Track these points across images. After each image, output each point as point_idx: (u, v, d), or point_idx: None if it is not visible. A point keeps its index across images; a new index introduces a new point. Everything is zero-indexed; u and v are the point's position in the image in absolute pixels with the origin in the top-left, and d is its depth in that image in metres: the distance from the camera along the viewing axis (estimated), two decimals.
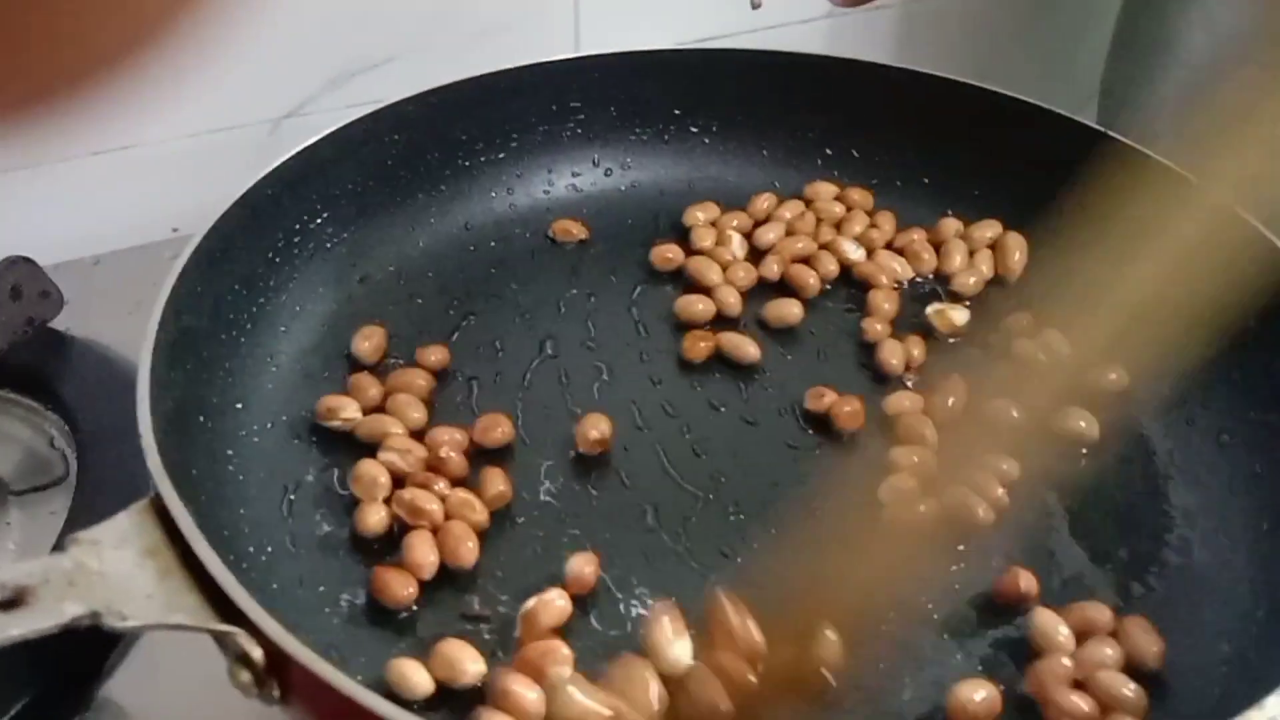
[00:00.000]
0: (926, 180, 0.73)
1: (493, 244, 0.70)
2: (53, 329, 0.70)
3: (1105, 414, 0.60)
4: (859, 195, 0.73)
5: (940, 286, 0.69)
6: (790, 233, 0.71)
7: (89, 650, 0.57)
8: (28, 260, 0.69)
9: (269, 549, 0.53)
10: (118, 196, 0.76)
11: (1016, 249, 0.69)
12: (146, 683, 0.56)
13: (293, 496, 0.56)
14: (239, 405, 0.58)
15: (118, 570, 0.43)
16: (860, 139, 0.74)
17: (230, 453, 0.56)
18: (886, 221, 0.72)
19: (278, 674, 0.42)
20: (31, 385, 0.68)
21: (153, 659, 0.57)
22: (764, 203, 0.73)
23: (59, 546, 0.43)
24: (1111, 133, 0.67)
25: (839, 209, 0.72)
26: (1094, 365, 0.61)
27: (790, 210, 0.72)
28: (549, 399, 0.62)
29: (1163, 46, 0.78)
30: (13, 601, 0.40)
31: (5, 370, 0.68)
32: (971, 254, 0.70)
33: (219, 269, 0.58)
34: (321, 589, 0.52)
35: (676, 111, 0.75)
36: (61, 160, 0.74)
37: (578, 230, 0.71)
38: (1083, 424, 0.59)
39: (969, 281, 0.68)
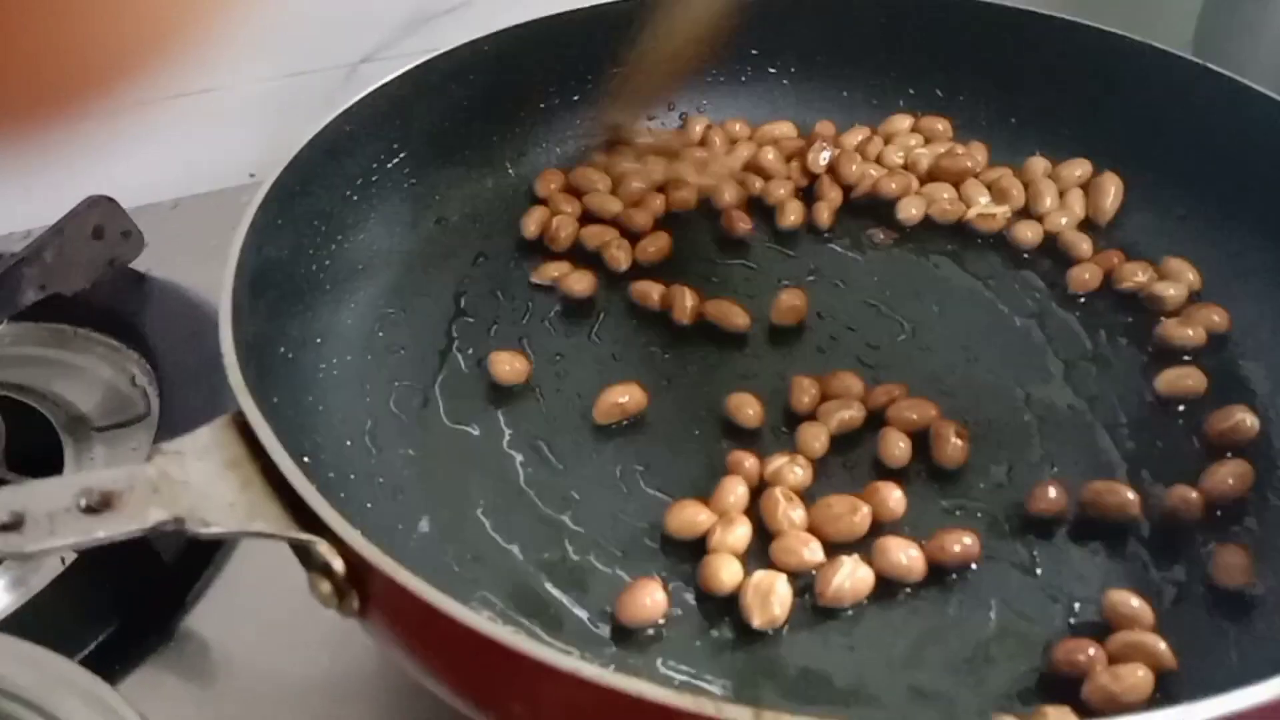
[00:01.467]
0: (1014, 120, 0.72)
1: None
2: (133, 269, 0.71)
3: (1206, 360, 0.59)
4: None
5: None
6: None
7: (171, 582, 0.57)
8: (109, 200, 0.69)
9: (350, 475, 0.53)
10: (196, 140, 0.76)
11: (1112, 188, 0.67)
12: (228, 615, 0.57)
13: (370, 428, 0.56)
14: (319, 340, 0.58)
15: (200, 480, 0.43)
16: (944, 77, 0.73)
17: (310, 385, 0.56)
18: (979, 152, 0.71)
19: (358, 585, 0.42)
20: (113, 324, 0.69)
21: (234, 591, 0.57)
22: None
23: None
24: (1213, 66, 0.65)
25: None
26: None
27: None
28: None
29: None
30: (100, 506, 0.41)
31: (88, 309, 0.69)
32: (1062, 194, 0.68)
33: (298, 204, 0.58)
34: (396, 517, 0.52)
35: (754, 52, 0.74)
36: (141, 103, 0.74)
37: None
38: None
39: (1060, 221, 0.67)
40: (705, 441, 0.56)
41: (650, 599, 0.48)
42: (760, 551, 0.51)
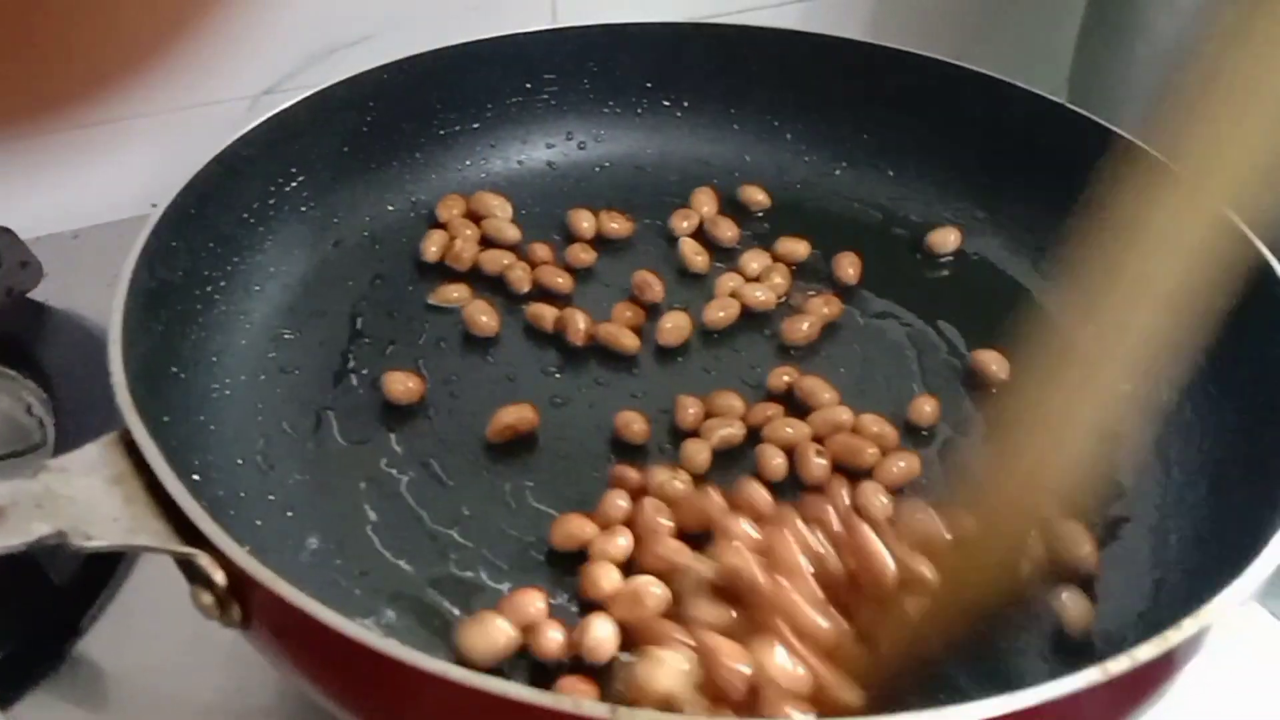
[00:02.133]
0: (895, 156, 0.74)
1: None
2: (31, 299, 0.71)
3: None
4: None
5: None
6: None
7: (64, 606, 0.57)
8: (7, 230, 0.69)
9: (240, 493, 0.54)
10: (97, 171, 0.76)
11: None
12: (123, 638, 0.56)
13: (262, 447, 0.57)
14: (213, 359, 0.59)
15: (85, 495, 0.44)
16: (828, 114, 0.75)
17: (203, 404, 0.57)
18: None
19: (239, 597, 0.43)
20: (10, 354, 0.69)
21: (130, 615, 0.57)
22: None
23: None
24: (1082, 111, 0.68)
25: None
26: None
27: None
28: None
29: (1129, 31, 0.79)
30: None
31: None
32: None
33: (194, 226, 0.59)
34: (285, 535, 0.53)
35: (648, 85, 0.75)
36: (41, 135, 0.75)
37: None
38: None
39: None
40: (593, 459, 0.57)
41: (532, 607, 0.49)
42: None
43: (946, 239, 0.70)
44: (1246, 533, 0.46)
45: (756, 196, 0.73)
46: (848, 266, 0.68)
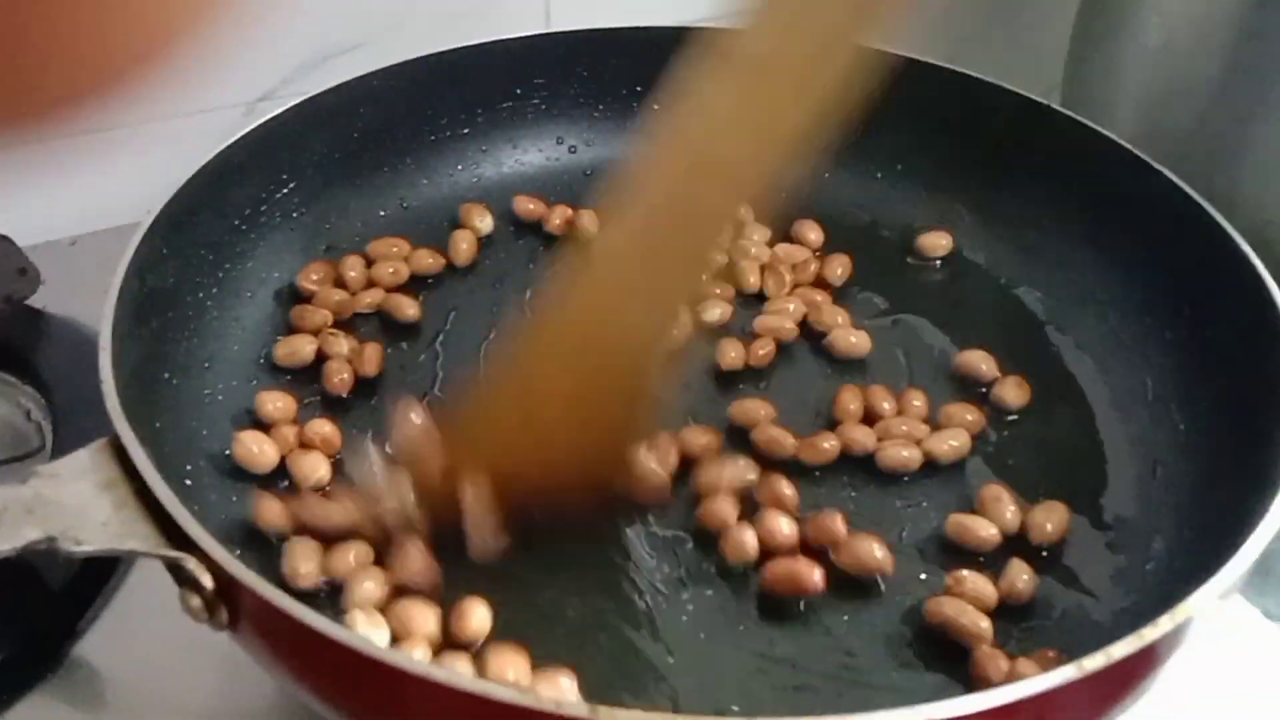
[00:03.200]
0: (888, 160, 0.74)
1: (457, 219, 0.71)
2: (29, 306, 0.72)
3: None
4: None
5: None
6: None
7: (60, 611, 0.58)
8: (4, 238, 0.70)
9: (231, 498, 0.55)
10: (95, 179, 0.77)
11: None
12: (119, 643, 0.57)
13: None
14: (206, 365, 0.60)
15: (75, 500, 0.44)
16: None
17: (195, 409, 0.58)
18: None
19: (226, 600, 0.44)
20: (8, 360, 0.69)
21: (125, 619, 0.58)
22: None
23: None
24: (1074, 115, 0.69)
25: None
26: None
27: None
28: None
29: (1120, 33, 0.79)
30: None
31: None
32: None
33: (185, 233, 0.60)
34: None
35: (639, 89, 0.75)
36: (38, 142, 0.75)
37: (536, 208, 0.72)
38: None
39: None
40: None
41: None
42: None
43: (938, 243, 0.70)
44: (1227, 529, 0.47)
45: None
46: (837, 268, 0.68)
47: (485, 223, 0.71)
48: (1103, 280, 0.65)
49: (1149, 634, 0.41)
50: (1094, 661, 0.39)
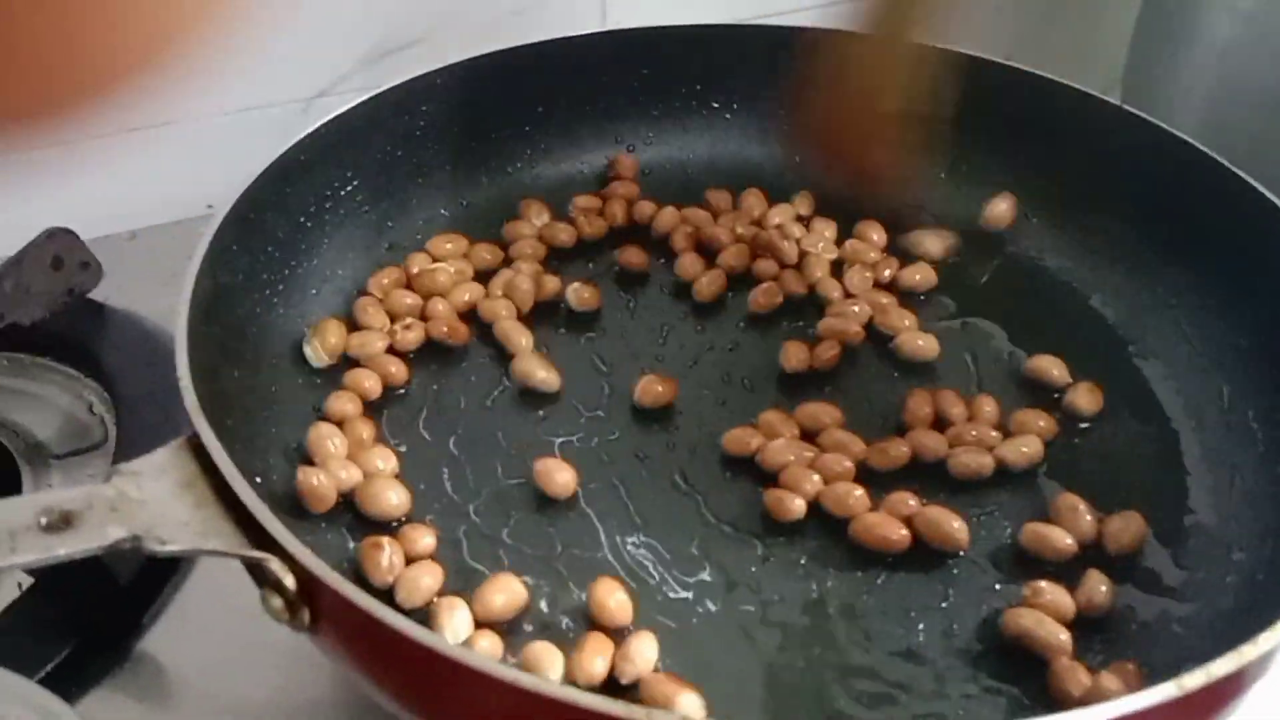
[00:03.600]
0: (951, 159, 0.74)
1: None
2: (91, 299, 0.72)
3: None
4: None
5: None
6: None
7: (127, 604, 0.58)
8: (68, 231, 0.70)
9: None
10: (154, 172, 0.77)
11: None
12: (183, 636, 0.57)
13: None
14: (273, 362, 0.60)
15: (156, 499, 0.44)
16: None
17: (263, 407, 0.57)
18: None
19: (308, 600, 0.44)
20: (71, 353, 0.70)
21: (190, 613, 0.58)
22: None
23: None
24: (1139, 112, 0.68)
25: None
26: None
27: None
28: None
29: (1186, 29, 0.79)
30: (60, 525, 0.42)
31: (46, 338, 0.70)
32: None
33: (253, 231, 0.60)
34: (350, 540, 0.53)
35: (698, 88, 0.75)
36: (99, 136, 0.75)
37: (594, 206, 0.72)
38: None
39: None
40: None
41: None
42: None
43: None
44: None
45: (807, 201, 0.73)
46: (915, 274, 0.68)
47: (543, 219, 0.71)
48: (1175, 285, 0.65)
49: (1249, 652, 0.40)
50: (1194, 680, 0.39)
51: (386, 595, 0.50)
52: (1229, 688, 0.41)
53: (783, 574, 0.53)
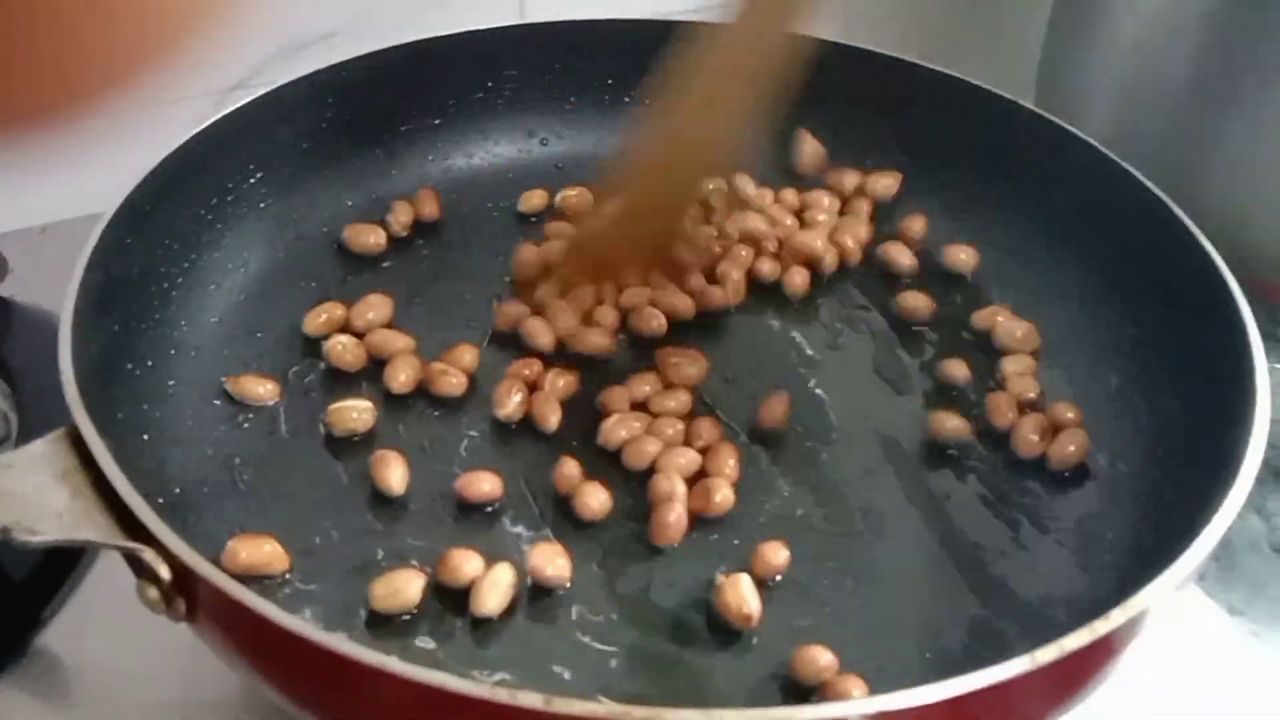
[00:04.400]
0: (860, 154, 0.74)
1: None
2: None
3: None
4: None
5: None
6: None
7: (22, 601, 0.58)
8: None
9: (203, 489, 0.55)
10: (65, 167, 0.75)
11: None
12: (82, 633, 0.57)
13: (215, 443, 0.57)
14: (172, 352, 0.60)
15: (30, 491, 0.44)
16: (793, 112, 0.75)
17: (159, 399, 0.57)
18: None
19: (183, 591, 0.44)
20: None
21: (88, 610, 0.58)
22: None
23: None
24: (1047, 114, 0.69)
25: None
26: None
27: None
28: None
29: (1094, 33, 0.80)
30: None
31: None
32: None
33: (150, 222, 0.60)
34: (235, 533, 0.53)
35: (610, 82, 0.75)
36: (8, 134, 0.75)
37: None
38: None
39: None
40: None
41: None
42: None
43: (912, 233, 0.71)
44: (1184, 523, 0.47)
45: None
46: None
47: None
48: (1073, 277, 0.66)
49: (1101, 626, 0.41)
50: (1047, 653, 0.40)
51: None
52: (1086, 661, 0.42)
53: None
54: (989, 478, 0.58)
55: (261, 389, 0.59)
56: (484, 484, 0.55)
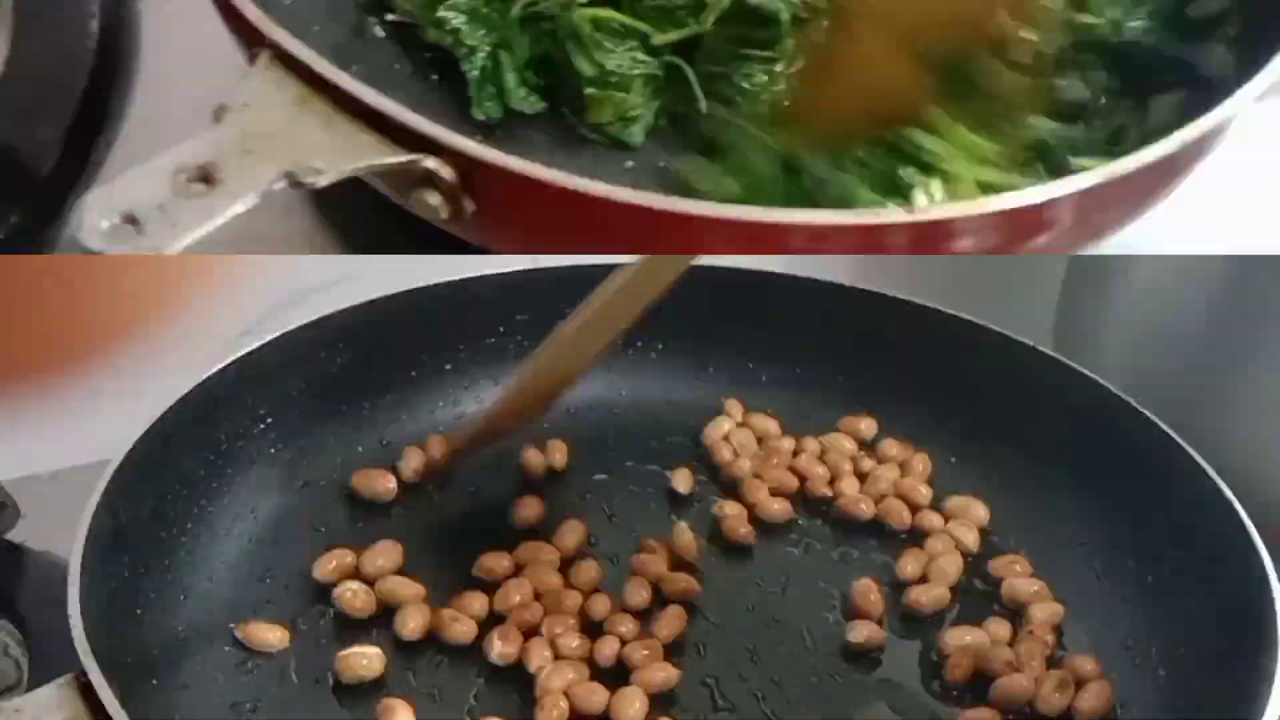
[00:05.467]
0: (875, 402, 0.75)
1: None
2: (8, 540, 0.71)
3: None
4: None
5: None
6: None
7: None
8: None
9: None
10: (76, 414, 0.77)
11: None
12: None
13: (221, 693, 0.56)
14: (182, 597, 0.59)
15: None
16: (806, 358, 0.77)
17: (167, 646, 0.57)
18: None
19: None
20: None
21: None
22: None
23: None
24: (1067, 361, 0.70)
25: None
26: None
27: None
28: None
29: (1114, 274, 0.81)
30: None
31: None
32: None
33: (158, 469, 0.60)
34: None
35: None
36: (22, 383, 0.76)
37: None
38: None
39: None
40: None
41: None
42: None
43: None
44: None
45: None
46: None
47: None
48: (1087, 523, 0.66)
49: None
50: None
51: None
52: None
53: None
54: None
55: (271, 635, 0.59)
56: None
